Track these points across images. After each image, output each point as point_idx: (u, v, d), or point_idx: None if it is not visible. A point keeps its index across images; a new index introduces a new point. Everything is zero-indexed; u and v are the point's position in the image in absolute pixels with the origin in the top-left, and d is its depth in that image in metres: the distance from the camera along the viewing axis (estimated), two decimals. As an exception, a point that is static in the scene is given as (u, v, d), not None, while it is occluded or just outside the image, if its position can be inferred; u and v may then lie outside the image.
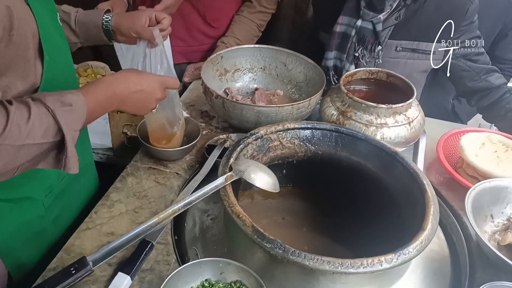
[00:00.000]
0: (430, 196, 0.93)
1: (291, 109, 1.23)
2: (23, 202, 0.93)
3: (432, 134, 1.32)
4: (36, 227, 0.99)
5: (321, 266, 0.77)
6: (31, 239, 0.98)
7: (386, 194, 1.06)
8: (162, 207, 1.04)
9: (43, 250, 1.03)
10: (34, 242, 1.00)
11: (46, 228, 1.01)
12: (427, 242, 0.84)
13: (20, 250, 0.97)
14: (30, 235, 0.98)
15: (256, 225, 0.82)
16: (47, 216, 1.00)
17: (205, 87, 1.29)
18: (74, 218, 1.11)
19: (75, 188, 1.08)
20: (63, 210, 1.05)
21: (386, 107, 1.15)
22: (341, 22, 1.44)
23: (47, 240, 1.03)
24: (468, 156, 1.15)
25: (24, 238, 0.97)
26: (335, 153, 1.13)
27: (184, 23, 1.70)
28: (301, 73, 1.48)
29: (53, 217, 1.02)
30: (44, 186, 0.96)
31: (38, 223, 0.99)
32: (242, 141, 1.05)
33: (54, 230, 1.04)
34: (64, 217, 1.07)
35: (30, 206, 0.95)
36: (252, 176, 0.95)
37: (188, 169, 1.19)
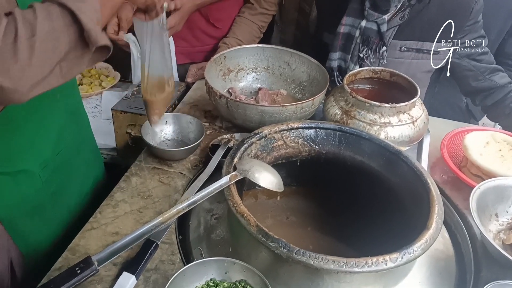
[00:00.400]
0: (435, 195, 0.92)
1: (294, 108, 1.23)
2: (20, 175, 0.96)
3: (436, 133, 1.32)
4: (34, 201, 1.02)
5: (326, 266, 0.77)
6: (31, 212, 1.02)
7: (390, 193, 1.06)
8: (166, 207, 1.05)
9: (46, 225, 1.07)
10: (35, 216, 1.03)
11: (45, 202, 1.04)
12: (432, 241, 0.84)
13: (23, 223, 1.01)
14: (29, 209, 1.01)
15: (260, 225, 0.82)
16: (44, 189, 1.03)
17: (209, 87, 1.29)
18: (74, 196, 1.15)
19: (73, 163, 1.11)
20: (62, 185, 1.08)
21: (389, 106, 1.15)
22: (344, 23, 1.44)
23: (47, 215, 1.06)
24: (472, 155, 1.15)
25: (24, 211, 1.00)
26: (339, 153, 1.13)
27: (187, 23, 1.70)
28: (305, 72, 1.48)
29: (51, 191, 1.05)
30: (39, 159, 0.99)
31: (36, 197, 1.02)
32: (246, 141, 1.05)
33: (54, 205, 1.07)
34: (63, 193, 1.10)
35: (26, 179, 0.98)
36: (256, 175, 0.95)
37: (192, 168, 1.19)
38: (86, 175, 1.20)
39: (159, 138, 1.27)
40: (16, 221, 1.00)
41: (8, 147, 0.92)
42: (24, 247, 1.04)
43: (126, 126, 1.44)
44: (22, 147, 0.92)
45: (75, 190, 1.15)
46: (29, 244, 1.05)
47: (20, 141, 0.93)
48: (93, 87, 1.77)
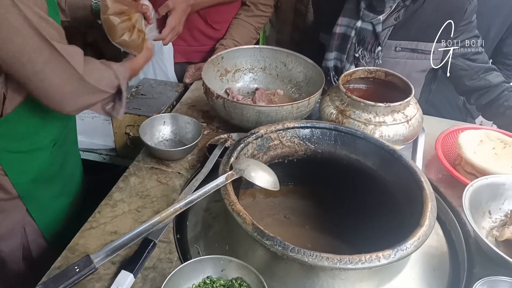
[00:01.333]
0: (428, 193, 0.94)
1: (290, 108, 1.24)
2: (36, 152, 1.13)
3: (431, 131, 1.33)
4: (47, 174, 1.18)
5: (320, 262, 0.78)
6: (45, 185, 1.18)
7: (385, 191, 1.07)
8: (164, 206, 1.06)
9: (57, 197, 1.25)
10: (48, 189, 1.20)
11: (55, 175, 1.21)
12: (425, 238, 0.85)
13: (39, 196, 1.18)
14: (43, 182, 1.17)
15: (256, 223, 0.84)
16: (54, 163, 1.20)
17: (206, 88, 1.30)
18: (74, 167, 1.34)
19: (70, 139, 1.30)
20: (65, 159, 1.25)
21: (384, 105, 1.16)
22: (340, 23, 1.45)
23: (57, 187, 1.24)
24: (466, 153, 1.16)
25: (40, 184, 1.16)
26: (334, 152, 1.15)
27: (186, 24, 1.72)
28: (301, 72, 1.49)
29: (59, 164, 1.22)
30: (50, 138, 1.15)
31: (49, 171, 1.18)
32: (242, 141, 1.07)
33: (62, 177, 1.25)
34: (67, 165, 1.27)
35: (41, 155, 1.14)
36: (252, 174, 0.97)
37: (190, 168, 1.21)
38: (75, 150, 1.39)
39: (157, 139, 1.28)
40: (33, 194, 1.16)
41: (27, 128, 1.08)
42: (42, 221, 1.21)
43: (124, 127, 1.46)
44: (37, 128, 1.11)
45: (72, 164, 1.33)
46: (47, 217, 1.22)
47: (36, 123, 1.10)
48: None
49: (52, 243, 1.26)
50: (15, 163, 1.10)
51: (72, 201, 1.32)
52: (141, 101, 1.49)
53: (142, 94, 1.52)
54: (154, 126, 1.28)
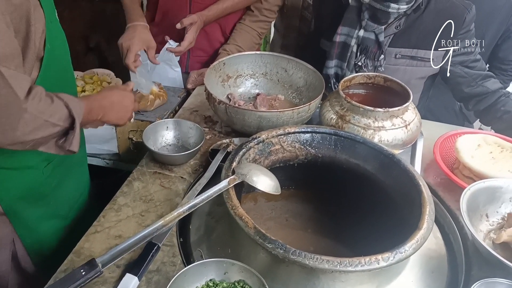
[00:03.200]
0: (426, 196, 0.96)
1: (291, 113, 1.26)
2: (26, 170, 1.07)
3: (430, 136, 1.35)
4: (37, 193, 1.13)
5: (320, 265, 0.80)
6: (34, 204, 1.13)
7: (385, 195, 1.09)
8: (167, 210, 1.08)
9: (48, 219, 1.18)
10: (38, 208, 1.14)
11: (47, 195, 1.16)
12: (423, 241, 0.87)
13: (26, 214, 1.12)
14: (32, 200, 1.12)
15: (258, 226, 0.86)
16: (47, 183, 1.14)
17: (208, 93, 1.32)
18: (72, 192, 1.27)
19: (71, 161, 1.21)
20: (62, 181, 1.19)
21: (383, 110, 1.18)
22: (340, 32, 1.48)
23: (50, 208, 1.18)
24: (464, 157, 1.18)
25: (28, 202, 1.11)
26: (334, 156, 1.17)
27: (206, 35, 1.78)
28: (301, 78, 1.51)
29: (53, 185, 1.16)
30: (42, 157, 1.09)
31: (39, 190, 1.13)
32: (244, 145, 1.09)
33: (55, 199, 1.18)
34: (62, 188, 1.20)
35: (31, 174, 1.09)
36: (254, 179, 0.99)
37: (193, 173, 1.23)
38: (81, 173, 1.32)
39: (160, 144, 1.30)
40: (21, 212, 1.10)
41: None
42: (29, 240, 1.14)
43: (128, 132, 1.48)
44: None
45: (73, 187, 1.26)
46: (33, 237, 1.15)
47: None
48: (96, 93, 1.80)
49: (39, 266, 1.20)
50: (1, 179, 1.04)
51: (67, 225, 1.26)
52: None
53: (145, 100, 1.54)
54: (157, 131, 1.30)
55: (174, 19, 1.66)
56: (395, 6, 1.36)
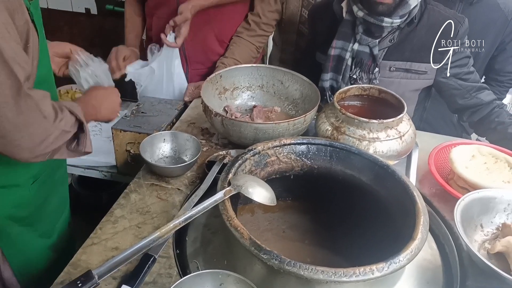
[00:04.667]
0: (420, 207, 0.96)
1: (287, 125, 1.27)
2: (13, 188, 1.09)
3: (425, 147, 1.36)
4: (23, 212, 1.14)
5: (315, 276, 0.81)
6: (21, 222, 1.14)
7: (380, 205, 1.10)
8: (164, 222, 1.08)
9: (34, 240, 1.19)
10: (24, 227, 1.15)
11: (33, 214, 1.16)
12: (417, 251, 0.88)
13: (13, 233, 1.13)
14: (18, 219, 1.13)
15: (253, 237, 0.86)
16: (32, 202, 1.15)
17: (205, 106, 1.34)
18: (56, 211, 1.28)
19: (54, 179, 1.24)
20: (46, 199, 1.21)
21: (377, 122, 1.19)
22: (335, 46, 1.50)
23: (34, 228, 1.19)
24: (458, 168, 1.19)
25: (14, 220, 1.12)
26: (330, 167, 1.17)
27: (202, 47, 1.80)
28: (297, 90, 1.53)
29: (38, 204, 1.17)
30: (30, 174, 1.11)
31: (25, 208, 1.14)
32: (240, 157, 1.09)
33: (40, 218, 1.19)
34: (47, 207, 1.22)
35: (18, 192, 1.10)
36: (250, 190, 0.99)
37: (189, 184, 1.23)
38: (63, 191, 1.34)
39: (157, 156, 1.31)
40: (8, 232, 1.11)
41: (4, 163, 1.03)
42: (15, 261, 1.13)
43: (125, 144, 1.49)
44: (16, 164, 1.03)
45: (56, 204, 1.28)
46: (20, 257, 1.15)
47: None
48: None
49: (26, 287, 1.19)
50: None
51: (53, 244, 1.27)
52: (141, 119, 1.52)
53: (142, 112, 1.56)
54: (154, 143, 1.31)
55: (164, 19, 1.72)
56: (388, 20, 1.39)
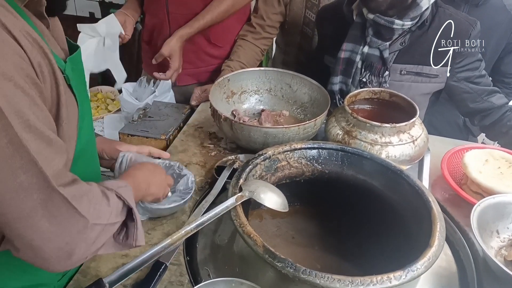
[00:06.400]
0: (436, 213, 0.95)
1: (297, 129, 1.26)
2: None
3: (436, 151, 1.35)
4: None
5: (331, 285, 0.79)
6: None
7: (393, 211, 1.08)
8: (174, 229, 1.07)
9: None
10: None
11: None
12: (435, 259, 0.86)
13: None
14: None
15: (267, 245, 0.84)
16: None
17: (213, 110, 1.32)
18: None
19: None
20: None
21: (390, 126, 1.18)
22: (345, 48, 1.48)
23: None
24: (472, 173, 1.17)
25: None
26: (341, 172, 1.16)
27: (191, 47, 1.77)
28: (306, 94, 1.51)
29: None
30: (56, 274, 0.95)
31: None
32: (250, 162, 1.08)
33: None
34: None
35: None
36: (262, 196, 0.98)
37: (199, 190, 1.22)
38: None
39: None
40: None
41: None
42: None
43: (132, 149, 1.47)
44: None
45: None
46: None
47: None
48: (100, 110, 1.80)
49: None
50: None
51: None
52: (148, 123, 1.51)
53: (149, 117, 1.54)
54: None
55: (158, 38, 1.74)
56: (399, 23, 1.37)
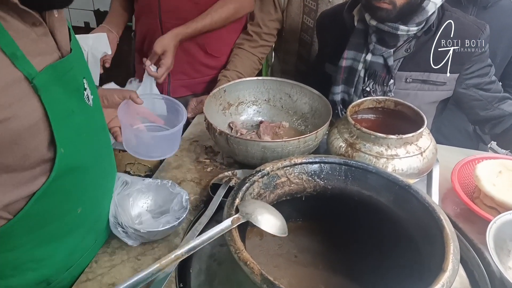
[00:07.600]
0: (449, 233, 0.87)
1: (297, 143, 1.19)
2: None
3: (445, 162, 1.28)
4: None
5: (336, 317, 0.72)
6: None
7: (401, 229, 1.01)
8: (166, 253, 0.99)
9: None
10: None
11: None
12: (449, 284, 0.78)
13: None
14: None
15: (265, 273, 0.77)
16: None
17: (208, 123, 1.26)
18: None
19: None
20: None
21: (396, 137, 1.11)
22: (346, 56, 1.42)
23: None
24: (485, 186, 1.10)
25: None
26: (345, 188, 1.08)
27: (186, 58, 1.71)
28: (306, 104, 1.45)
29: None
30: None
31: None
32: (247, 180, 1.01)
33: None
34: None
35: None
36: (259, 218, 0.90)
37: (193, 209, 1.15)
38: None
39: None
40: None
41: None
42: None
43: (125, 165, 1.42)
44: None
45: None
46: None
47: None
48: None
49: None
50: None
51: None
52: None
53: (142, 130, 1.48)
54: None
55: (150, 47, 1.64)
56: (404, 28, 1.30)
